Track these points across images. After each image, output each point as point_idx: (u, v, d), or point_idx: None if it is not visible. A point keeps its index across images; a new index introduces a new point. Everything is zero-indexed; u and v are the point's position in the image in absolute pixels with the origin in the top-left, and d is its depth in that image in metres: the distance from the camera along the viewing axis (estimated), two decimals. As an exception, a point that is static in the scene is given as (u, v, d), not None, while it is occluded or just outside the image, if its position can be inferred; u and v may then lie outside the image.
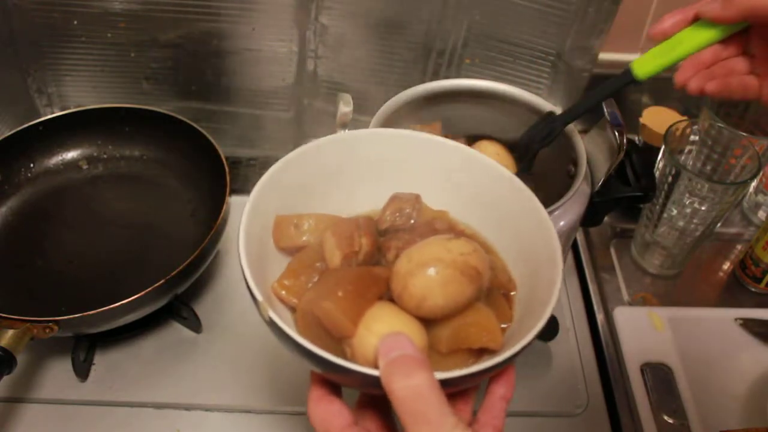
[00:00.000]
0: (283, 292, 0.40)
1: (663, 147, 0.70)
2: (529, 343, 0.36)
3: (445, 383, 0.33)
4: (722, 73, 0.48)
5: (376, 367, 0.34)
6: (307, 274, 0.41)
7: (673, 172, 0.69)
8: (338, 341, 0.37)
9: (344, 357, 0.36)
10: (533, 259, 0.41)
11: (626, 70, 0.51)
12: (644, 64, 0.51)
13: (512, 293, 0.42)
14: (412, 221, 0.44)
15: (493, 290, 0.41)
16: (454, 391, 0.38)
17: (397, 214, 0.44)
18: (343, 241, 0.40)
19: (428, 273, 0.37)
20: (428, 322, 0.39)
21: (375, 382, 0.33)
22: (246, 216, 0.40)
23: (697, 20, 0.47)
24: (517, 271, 0.43)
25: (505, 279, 0.42)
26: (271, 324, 0.36)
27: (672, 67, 0.50)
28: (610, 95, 0.55)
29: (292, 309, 0.41)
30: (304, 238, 0.42)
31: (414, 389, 0.32)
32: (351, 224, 0.42)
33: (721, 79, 0.48)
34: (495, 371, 0.37)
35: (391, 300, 0.39)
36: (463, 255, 0.37)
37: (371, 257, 0.42)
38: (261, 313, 0.36)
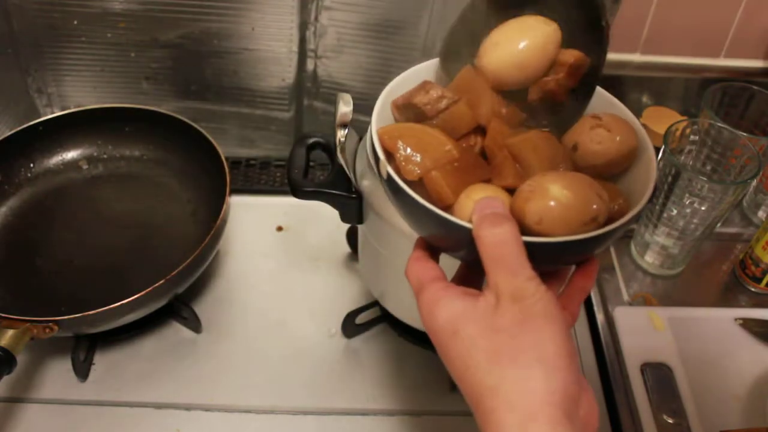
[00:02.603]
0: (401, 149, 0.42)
1: (663, 147, 0.70)
2: (611, 232, 0.38)
3: (529, 248, 0.36)
4: None
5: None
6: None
7: (673, 172, 0.69)
8: (445, 210, 0.40)
9: None
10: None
11: None
12: None
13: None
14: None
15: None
16: (539, 265, 0.39)
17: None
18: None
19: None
20: None
21: (469, 236, 0.36)
22: (382, 98, 0.45)
23: None
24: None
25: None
26: (389, 180, 0.40)
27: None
28: None
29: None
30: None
31: (499, 236, 0.35)
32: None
33: None
34: (579, 252, 0.39)
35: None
36: None
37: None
38: (380, 170, 0.41)
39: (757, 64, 0.90)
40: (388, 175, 0.40)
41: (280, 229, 0.82)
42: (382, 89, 0.46)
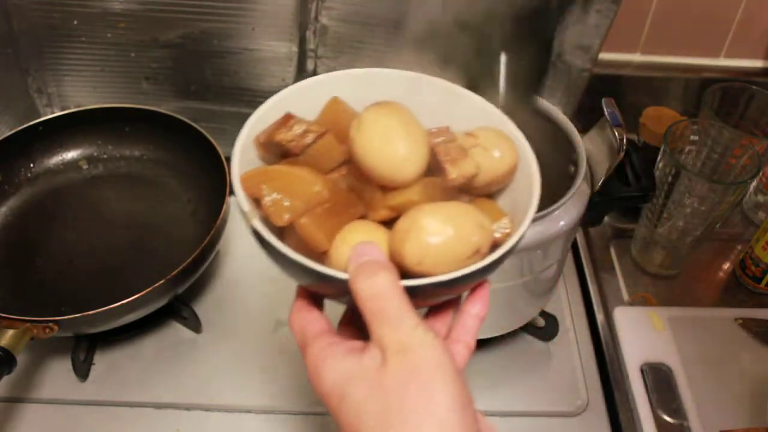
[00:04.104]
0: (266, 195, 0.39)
1: (663, 147, 0.70)
2: (495, 262, 0.36)
3: (411, 291, 0.34)
4: None
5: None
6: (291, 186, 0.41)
7: (673, 172, 0.69)
8: (320, 256, 0.39)
9: None
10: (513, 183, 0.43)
11: None
12: None
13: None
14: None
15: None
16: (425, 303, 0.38)
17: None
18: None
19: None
20: None
21: (346, 286, 0.34)
22: (242, 137, 0.42)
23: None
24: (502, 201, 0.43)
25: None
26: (255, 233, 0.37)
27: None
28: None
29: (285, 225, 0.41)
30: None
31: (376, 288, 0.33)
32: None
33: None
34: (464, 285, 0.37)
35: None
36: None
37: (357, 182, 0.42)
38: (246, 221, 0.38)
39: (757, 64, 0.90)
40: (254, 230, 0.37)
41: (280, 229, 0.82)
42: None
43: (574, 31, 0.76)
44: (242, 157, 0.41)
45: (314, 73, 0.83)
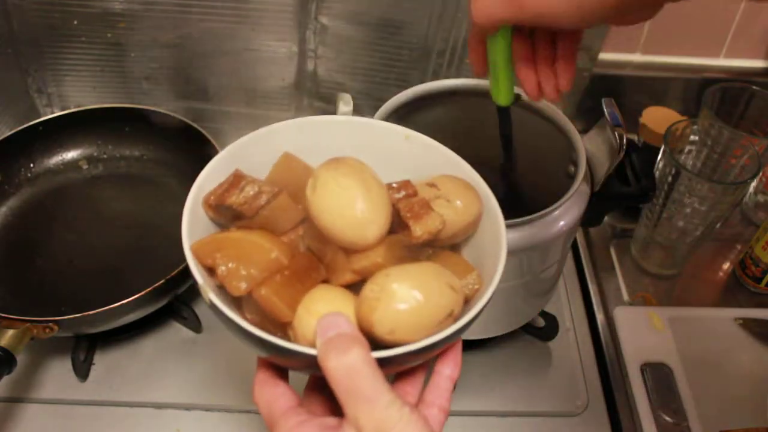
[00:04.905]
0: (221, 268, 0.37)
1: (663, 147, 0.70)
2: (467, 324, 0.35)
3: (383, 361, 0.32)
4: (546, 55, 0.49)
5: (315, 347, 0.33)
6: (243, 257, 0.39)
7: (673, 172, 0.69)
8: (283, 326, 0.37)
9: (288, 340, 0.36)
10: (478, 240, 0.41)
11: (496, 106, 0.54)
12: (496, 93, 0.53)
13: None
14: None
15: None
16: (398, 370, 0.37)
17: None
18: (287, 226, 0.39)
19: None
20: None
21: (314, 361, 0.33)
22: (191, 198, 0.39)
23: (494, 33, 0.48)
24: (467, 255, 0.42)
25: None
26: (212, 306, 0.35)
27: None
28: (509, 128, 0.56)
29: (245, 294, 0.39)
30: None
31: (348, 366, 0.32)
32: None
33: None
34: (438, 349, 0.36)
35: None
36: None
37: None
38: (202, 295, 0.35)
39: (757, 64, 0.90)
40: (211, 303, 0.34)
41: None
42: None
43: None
44: (192, 221, 0.38)
45: (314, 73, 0.83)
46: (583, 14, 0.39)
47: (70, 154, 0.81)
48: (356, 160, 0.38)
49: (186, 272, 0.64)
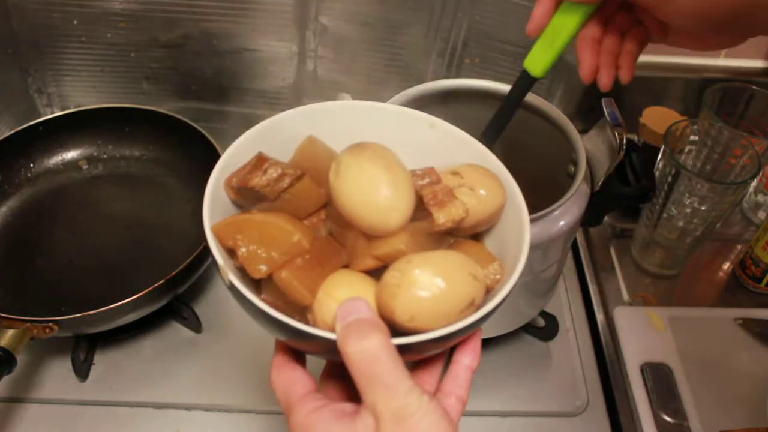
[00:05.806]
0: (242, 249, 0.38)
1: (663, 147, 0.70)
2: (489, 314, 0.34)
3: (403, 348, 0.32)
4: (614, 44, 0.48)
5: (335, 331, 0.33)
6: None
7: (673, 172, 0.69)
8: (302, 309, 0.37)
9: (307, 324, 0.35)
10: (502, 226, 0.41)
11: (523, 72, 0.51)
12: (535, 60, 0.50)
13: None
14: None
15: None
16: (417, 357, 0.37)
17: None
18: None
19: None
20: None
21: (333, 346, 0.32)
22: (213, 180, 0.39)
23: (560, 3, 0.47)
24: (490, 245, 0.42)
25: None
26: (232, 288, 0.35)
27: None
28: (521, 99, 0.53)
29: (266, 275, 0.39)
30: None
31: (368, 352, 0.31)
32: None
33: (616, 53, 0.49)
34: (458, 338, 0.35)
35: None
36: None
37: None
38: (222, 277, 0.35)
39: (757, 64, 0.90)
40: (231, 285, 0.34)
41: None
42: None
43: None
44: (213, 202, 0.38)
45: (314, 73, 0.83)
46: (704, 12, 0.40)
47: (70, 154, 0.81)
48: (380, 146, 0.38)
49: (186, 272, 0.64)
